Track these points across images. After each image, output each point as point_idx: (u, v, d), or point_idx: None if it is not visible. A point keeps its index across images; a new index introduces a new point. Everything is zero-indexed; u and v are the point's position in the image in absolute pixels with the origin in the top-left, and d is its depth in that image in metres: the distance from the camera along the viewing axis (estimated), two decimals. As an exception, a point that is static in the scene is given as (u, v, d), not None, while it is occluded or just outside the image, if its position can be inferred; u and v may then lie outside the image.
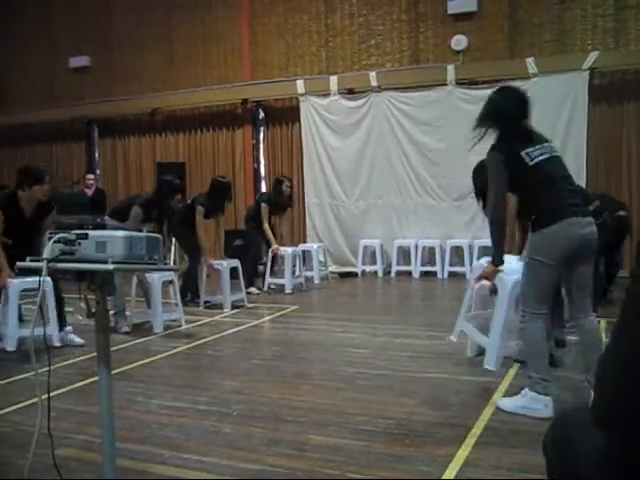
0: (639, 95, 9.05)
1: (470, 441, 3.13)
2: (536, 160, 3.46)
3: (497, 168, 3.52)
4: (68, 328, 5.45)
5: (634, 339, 1.16)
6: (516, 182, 3.53)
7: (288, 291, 8.27)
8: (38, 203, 5.24)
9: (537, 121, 9.95)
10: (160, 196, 6.56)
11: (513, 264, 3.97)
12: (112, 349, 2.40)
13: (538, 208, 3.49)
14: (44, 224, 5.27)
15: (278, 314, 6.94)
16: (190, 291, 7.53)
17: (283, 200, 8.60)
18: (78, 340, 5.39)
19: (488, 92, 3.83)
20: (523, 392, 3.55)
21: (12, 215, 5.11)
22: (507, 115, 3.57)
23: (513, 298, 3.99)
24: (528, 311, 3.53)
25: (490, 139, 3.62)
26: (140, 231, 6.46)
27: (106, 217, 6.88)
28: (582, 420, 1.37)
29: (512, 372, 4.31)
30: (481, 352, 4.35)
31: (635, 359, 1.14)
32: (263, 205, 8.42)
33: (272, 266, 8.59)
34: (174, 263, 7.60)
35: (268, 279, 8.49)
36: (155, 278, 6.10)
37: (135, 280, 6.27)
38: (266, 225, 8.36)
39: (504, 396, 3.77)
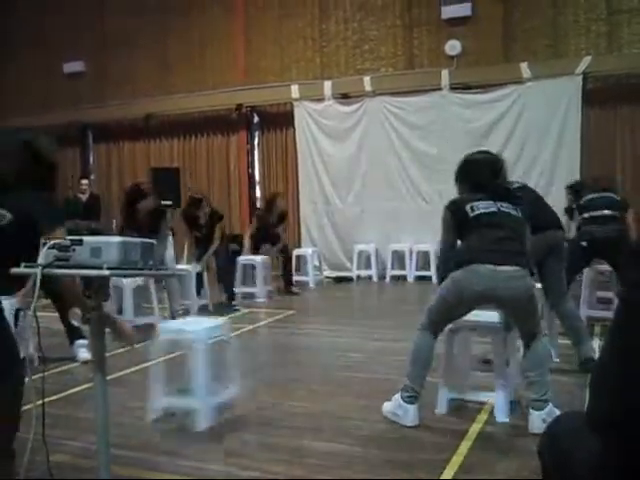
0: (632, 99, 9.10)
1: (465, 446, 3.14)
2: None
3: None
4: (79, 341, 5.20)
5: (628, 345, 1.16)
6: None
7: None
8: None
9: (531, 125, 10.05)
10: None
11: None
12: (107, 355, 2.39)
13: None
14: None
15: (273, 319, 6.93)
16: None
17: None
18: (83, 356, 5.15)
19: (482, 97, 3.84)
20: (395, 396, 3.57)
21: None
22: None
23: None
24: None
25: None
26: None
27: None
28: (578, 424, 1.38)
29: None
30: None
31: (629, 365, 1.15)
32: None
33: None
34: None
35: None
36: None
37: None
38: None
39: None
